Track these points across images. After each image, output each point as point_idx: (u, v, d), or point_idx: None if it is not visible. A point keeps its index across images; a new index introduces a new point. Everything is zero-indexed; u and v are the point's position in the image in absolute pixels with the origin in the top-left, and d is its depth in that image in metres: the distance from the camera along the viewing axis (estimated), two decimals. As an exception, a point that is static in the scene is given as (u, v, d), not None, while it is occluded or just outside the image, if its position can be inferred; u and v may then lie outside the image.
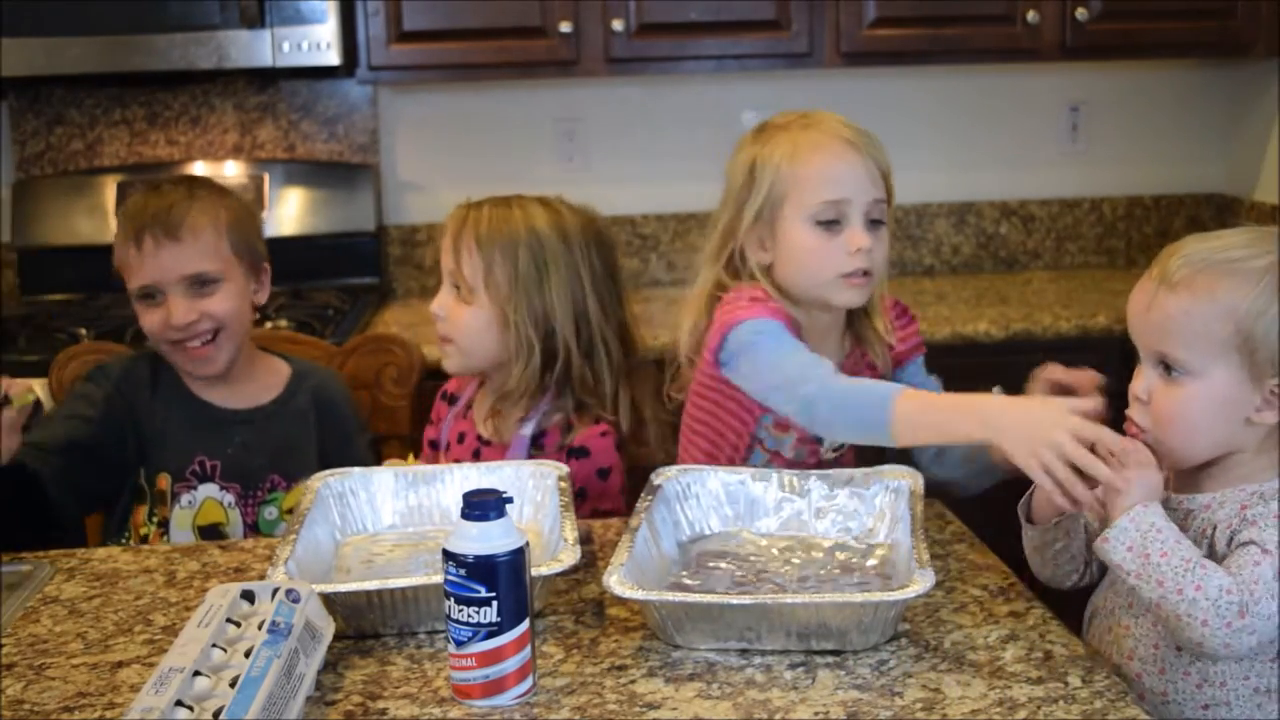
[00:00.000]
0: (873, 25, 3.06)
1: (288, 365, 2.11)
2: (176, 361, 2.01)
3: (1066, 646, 1.40)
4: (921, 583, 1.37)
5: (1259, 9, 3.10)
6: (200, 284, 1.96)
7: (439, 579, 1.35)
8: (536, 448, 1.94)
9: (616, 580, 1.40)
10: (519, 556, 1.30)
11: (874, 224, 1.77)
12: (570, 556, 1.47)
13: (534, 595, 1.36)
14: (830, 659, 1.39)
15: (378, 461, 2.04)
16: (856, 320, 1.86)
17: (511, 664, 1.31)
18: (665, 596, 1.41)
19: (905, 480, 1.66)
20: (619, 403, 1.95)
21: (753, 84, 3.23)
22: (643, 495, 1.64)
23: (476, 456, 1.98)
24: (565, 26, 3.00)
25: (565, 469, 1.74)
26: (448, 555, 1.31)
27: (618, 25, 3.01)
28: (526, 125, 3.40)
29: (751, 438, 1.85)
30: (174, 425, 2.01)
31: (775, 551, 1.63)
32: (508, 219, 1.94)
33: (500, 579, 1.29)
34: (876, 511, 1.67)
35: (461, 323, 1.94)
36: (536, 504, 1.72)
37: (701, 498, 1.69)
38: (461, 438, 2.01)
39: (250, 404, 2.04)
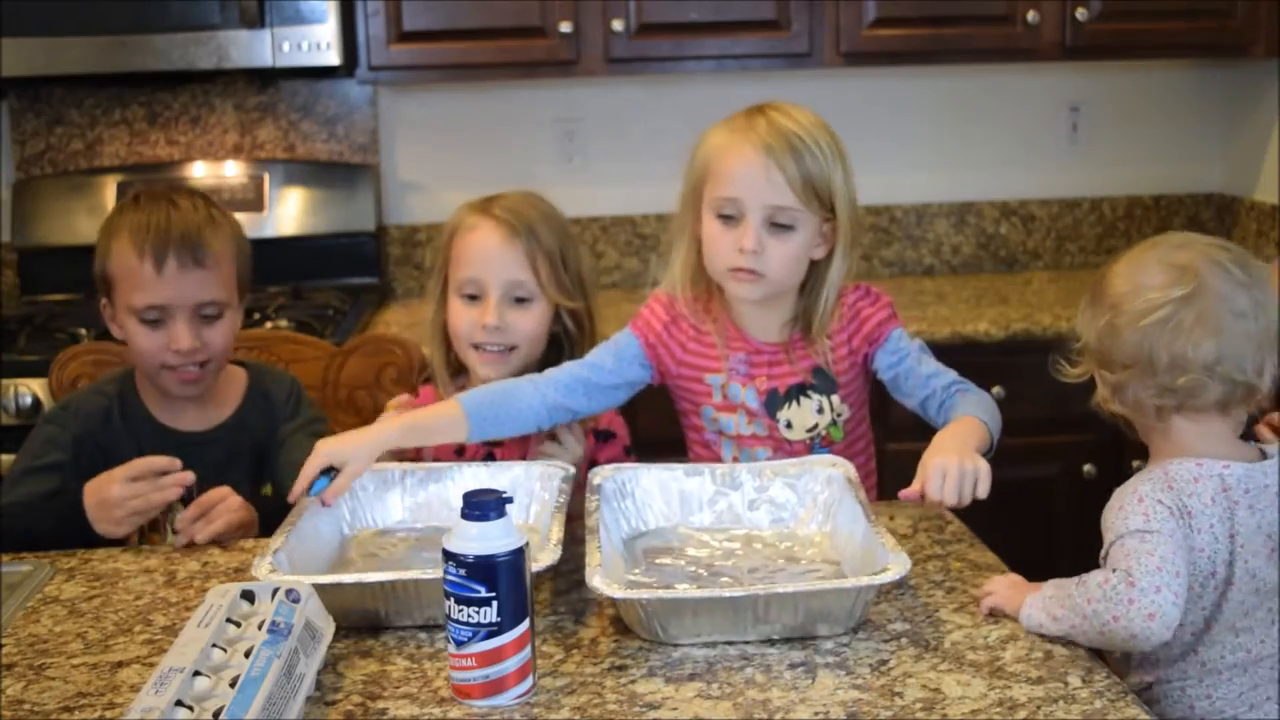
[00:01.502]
0: (873, 25, 3.06)
1: (244, 371, 2.07)
2: (162, 383, 1.96)
3: (1067, 646, 1.40)
4: (898, 566, 1.41)
5: (1259, 9, 3.10)
6: (207, 313, 1.93)
7: (420, 574, 1.35)
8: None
9: (601, 580, 1.41)
10: (519, 556, 1.30)
11: (778, 228, 1.78)
12: (549, 556, 1.47)
13: (533, 595, 1.36)
14: (831, 659, 1.39)
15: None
16: (805, 318, 1.87)
17: (511, 664, 1.31)
18: (658, 594, 1.42)
19: (836, 470, 1.70)
20: None
21: (753, 84, 3.22)
22: (588, 496, 1.66)
23: (489, 460, 1.95)
24: (565, 26, 3.00)
25: (572, 470, 1.75)
26: (447, 555, 1.31)
27: (618, 25, 3.01)
28: (526, 125, 3.39)
29: (710, 429, 1.90)
30: (144, 456, 1.95)
31: (716, 545, 1.66)
32: (523, 209, 1.95)
33: (500, 579, 1.29)
34: (808, 501, 1.71)
35: (525, 328, 1.94)
36: (543, 503, 1.72)
37: (637, 495, 1.71)
38: (460, 450, 1.98)
39: (214, 422, 2.01)
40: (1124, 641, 1.38)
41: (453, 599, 1.30)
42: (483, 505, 1.30)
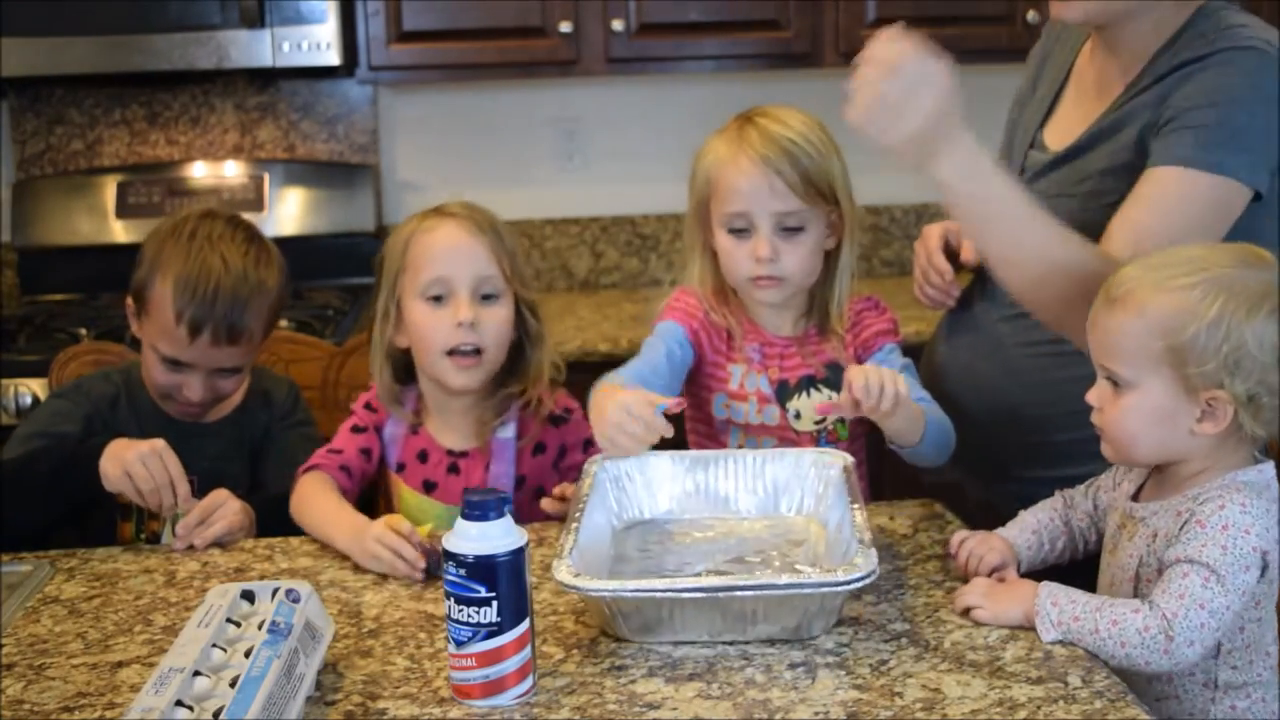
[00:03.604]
0: (873, 25, 3.06)
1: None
2: (166, 406, 1.99)
3: (1067, 646, 1.40)
4: (865, 564, 1.38)
5: (1261, 9, 3.09)
6: (226, 371, 1.96)
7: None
8: (519, 438, 1.92)
9: (566, 569, 1.39)
10: (519, 556, 1.30)
11: (789, 231, 1.82)
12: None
13: (532, 595, 1.36)
14: (831, 659, 1.39)
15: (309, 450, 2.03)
16: (820, 311, 1.90)
17: (511, 664, 1.31)
18: (607, 584, 1.41)
19: (836, 461, 1.69)
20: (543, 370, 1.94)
21: (753, 84, 3.23)
22: (579, 483, 1.65)
23: (453, 471, 1.91)
24: (565, 26, 3.00)
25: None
26: (448, 555, 1.31)
27: (618, 25, 3.01)
28: (526, 125, 3.39)
29: (719, 418, 1.89)
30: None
31: (706, 535, 1.66)
32: (476, 210, 1.92)
33: (500, 579, 1.29)
34: (803, 492, 1.70)
35: (494, 327, 1.87)
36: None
37: (629, 485, 1.71)
38: (424, 455, 1.93)
39: (216, 415, 2.03)
40: (1148, 675, 1.44)
41: (453, 599, 1.30)
42: (482, 505, 1.30)
